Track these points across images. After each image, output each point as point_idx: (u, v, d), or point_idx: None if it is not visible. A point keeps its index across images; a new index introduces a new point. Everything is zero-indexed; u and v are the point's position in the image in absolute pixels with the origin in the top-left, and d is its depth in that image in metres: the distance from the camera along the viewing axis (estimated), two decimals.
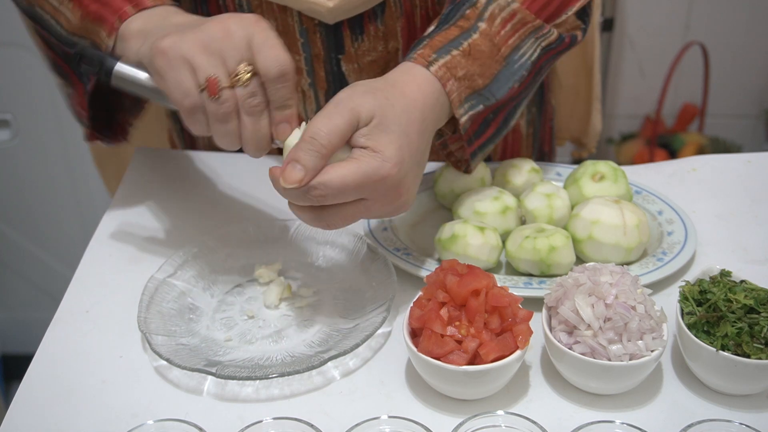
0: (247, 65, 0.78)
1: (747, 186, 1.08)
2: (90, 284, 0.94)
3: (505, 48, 0.90)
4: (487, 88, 0.89)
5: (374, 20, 0.99)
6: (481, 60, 0.89)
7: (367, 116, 0.79)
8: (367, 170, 0.77)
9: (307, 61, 1.02)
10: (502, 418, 0.72)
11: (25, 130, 2.04)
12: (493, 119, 0.93)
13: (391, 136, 0.79)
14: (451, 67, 0.87)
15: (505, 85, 0.91)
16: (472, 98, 0.88)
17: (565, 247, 0.90)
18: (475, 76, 0.88)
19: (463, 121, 0.88)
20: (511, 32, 0.91)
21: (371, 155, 0.78)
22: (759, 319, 0.76)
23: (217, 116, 0.79)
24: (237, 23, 0.79)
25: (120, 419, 0.77)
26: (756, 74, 2.44)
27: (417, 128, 0.82)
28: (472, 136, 0.91)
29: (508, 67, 0.91)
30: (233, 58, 0.78)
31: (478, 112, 0.89)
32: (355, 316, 0.88)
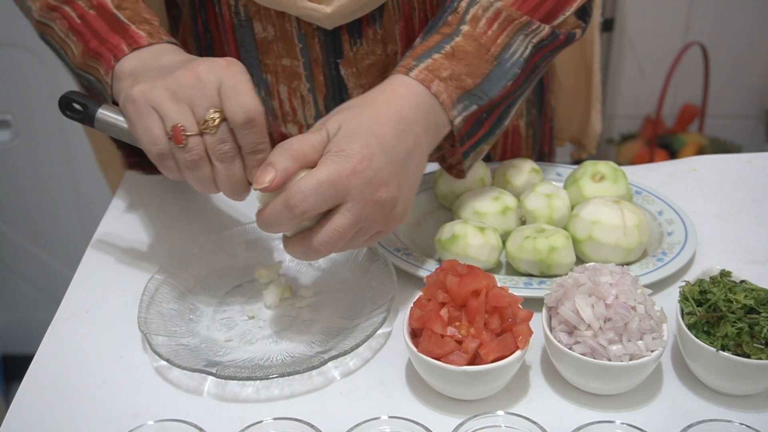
0: (215, 112, 0.78)
1: (747, 186, 1.08)
2: (90, 285, 0.94)
3: (494, 47, 0.90)
4: (478, 88, 0.89)
5: (373, 24, 0.99)
6: (466, 60, 0.88)
7: (334, 129, 0.80)
8: (334, 167, 0.77)
9: (305, 66, 1.02)
10: (503, 418, 0.72)
11: (26, 130, 2.05)
12: (486, 118, 0.92)
13: (355, 138, 0.80)
14: (433, 69, 0.86)
15: (497, 84, 0.90)
16: (465, 99, 0.88)
17: (565, 248, 0.90)
18: (462, 75, 0.88)
19: (457, 122, 0.88)
20: (499, 31, 0.90)
21: (335, 155, 0.78)
22: (759, 320, 0.76)
23: (186, 164, 0.80)
24: (207, 69, 0.79)
25: (120, 419, 0.77)
26: (756, 74, 2.44)
27: (390, 128, 0.82)
28: (464, 135, 0.91)
29: (500, 66, 0.90)
30: (202, 105, 0.79)
31: (471, 112, 0.89)
32: (355, 316, 0.88)
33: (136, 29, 0.87)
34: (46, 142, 2.07)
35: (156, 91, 0.79)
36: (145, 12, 0.91)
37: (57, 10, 0.92)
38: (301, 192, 0.76)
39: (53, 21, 0.92)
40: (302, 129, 1.08)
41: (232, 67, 0.80)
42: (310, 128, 0.82)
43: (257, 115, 0.78)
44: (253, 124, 0.78)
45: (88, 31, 0.89)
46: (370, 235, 0.82)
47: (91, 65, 0.89)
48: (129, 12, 0.90)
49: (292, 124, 1.08)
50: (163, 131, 0.79)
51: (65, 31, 0.91)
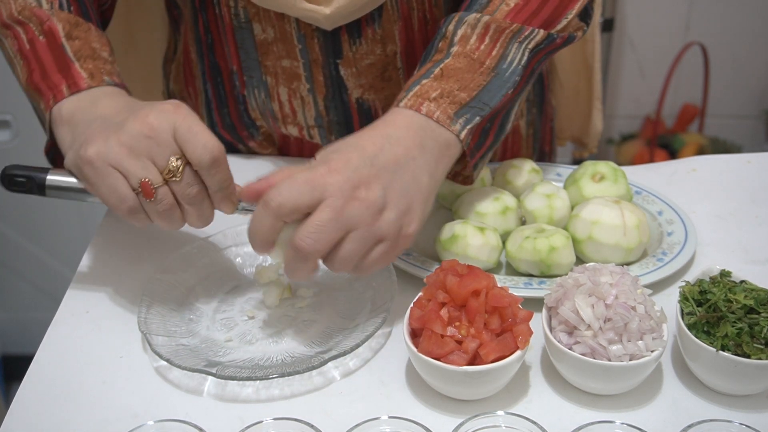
0: (176, 159, 0.79)
1: (747, 186, 1.08)
2: (90, 285, 0.94)
3: (489, 60, 0.89)
4: (476, 99, 0.88)
5: (372, 24, 0.99)
6: (456, 76, 0.88)
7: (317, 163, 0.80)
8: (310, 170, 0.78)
9: (305, 66, 1.02)
10: (502, 418, 0.72)
11: (25, 130, 2.04)
12: (490, 128, 0.92)
13: (335, 152, 0.80)
14: (421, 94, 0.86)
15: (498, 94, 0.90)
16: (464, 112, 0.87)
17: (565, 248, 0.90)
18: (454, 91, 0.87)
19: (462, 135, 0.86)
20: (491, 44, 0.90)
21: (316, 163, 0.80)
22: (759, 320, 0.76)
23: (159, 214, 0.81)
24: (157, 117, 0.79)
25: (120, 420, 0.77)
26: (756, 75, 2.44)
27: (372, 142, 0.81)
28: (473, 148, 0.90)
29: (499, 76, 0.90)
30: (162, 155, 0.79)
31: (475, 124, 0.88)
32: (355, 316, 0.88)
33: (79, 68, 0.87)
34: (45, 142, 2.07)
35: (112, 150, 0.79)
36: (95, 41, 0.91)
37: (10, 29, 0.91)
38: (276, 188, 0.77)
39: (5, 38, 0.92)
40: (302, 130, 1.08)
41: (180, 111, 0.80)
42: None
43: (220, 154, 0.80)
44: (218, 163, 0.80)
45: (34, 60, 0.89)
46: (368, 246, 0.79)
47: (33, 96, 0.90)
48: (78, 43, 0.89)
49: (292, 126, 1.08)
50: (129, 188, 0.79)
51: (15, 53, 0.91)
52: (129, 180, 0.79)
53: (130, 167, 0.79)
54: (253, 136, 1.13)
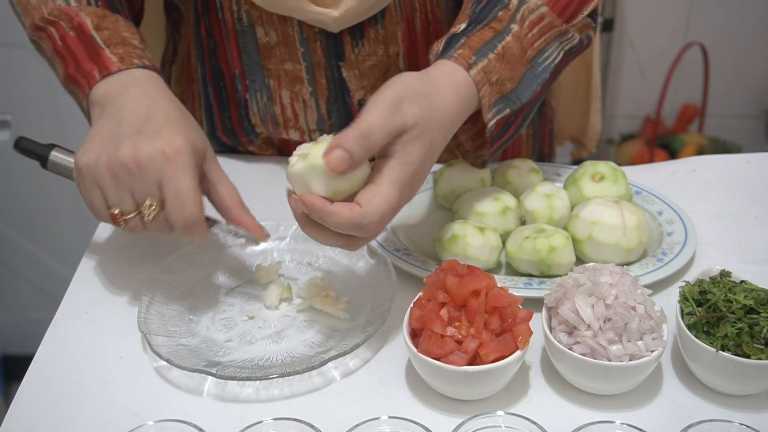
0: (152, 202, 0.81)
1: (747, 186, 1.08)
2: (90, 285, 0.94)
3: (530, 51, 0.90)
4: (513, 92, 0.90)
5: (374, 25, 0.99)
6: (511, 64, 0.89)
7: (412, 125, 0.79)
8: (400, 185, 0.78)
9: (308, 69, 1.02)
10: (502, 418, 0.72)
11: (25, 130, 2.04)
12: (513, 121, 0.93)
13: (422, 146, 0.80)
14: (488, 72, 0.87)
15: (529, 88, 0.91)
16: (500, 102, 0.89)
17: (565, 248, 0.90)
18: (505, 80, 0.89)
19: (490, 125, 0.88)
20: (538, 35, 0.90)
21: (402, 167, 0.79)
22: (759, 320, 0.76)
23: (132, 232, 0.84)
24: (150, 158, 0.80)
25: (120, 420, 0.77)
26: (756, 75, 2.44)
27: (443, 134, 0.83)
28: (495, 137, 0.91)
29: (533, 69, 0.91)
30: (140, 192, 0.81)
31: (504, 116, 0.89)
32: (355, 316, 0.88)
33: (109, 54, 0.89)
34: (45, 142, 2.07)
35: (99, 169, 0.81)
36: (124, 31, 0.92)
37: (43, 31, 0.93)
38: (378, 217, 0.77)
39: (41, 40, 0.94)
40: (304, 135, 1.08)
41: (175, 161, 0.80)
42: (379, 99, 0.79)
43: (196, 221, 0.81)
44: (191, 229, 0.82)
45: (68, 54, 0.90)
46: None
47: (72, 90, 0.91)
48: (107, 33, 0.91)
49: (293, 130, 1.08)
50: (104, 206, 0.83)
51: (51, 52, 0.93)
52: (107, 200, 0.82)
53: (108, 192, 0.82)
54: (253, 141, 1.13)
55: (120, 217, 0.82)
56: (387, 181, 0.78)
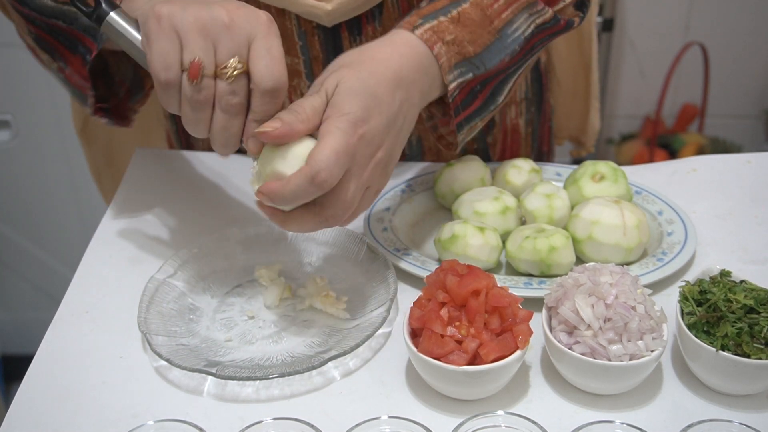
0: (238, 62, 0.76)
1: (747, 186, 1.08)
2: (90, 285, 0.94)
3: (498, 21, 0.90)
4: (477, 57, 0.89)
5: (372, 21, 0.99)
6: (470, 28, 0.88)
7: (332, 88, 0.79)
8: (342, 134, 0.76)
9: (306, 64, 1.02)
10: (502, 418, 0.72)
11: (25, 130, 2.05)
12: (480, 90, 0.92)
13: (354, 96, 0.78)
14: (438, 31, 0.86)
15: (496, 57, 0.90)
16: (462, 65, 0.88)
17: (565, 248, 0.90)
18: (464, 42, 0.87)
19: (451, 87, 0.87)
20: (505, 6, 0.90)
21: (337, 119, 0.77)
22: (759, 319, 0.76)
23: (191, 101, 0.77)
24: (245, 17, 0.76)
25: (120, 419, 0.77)
26: (756, 74, 2.44)
27: (388, 87, 0.81)
28: (459, 105, 0.90)
29: (501, 39, 0.90)
30: (228, 49, 0.75)
31: (467, 80, 0.88)
32: (355, 316, 0.88)
33: None
34: (46, 142, 2.07)
35: (187, 17, 0.75)
36: None
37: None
38: (327, 167, 0.75)
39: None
40: None
41: (270, 27, 0.77)
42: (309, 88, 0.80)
43: (283, 87, 0.76)
44: (276, 94, 0.76)
45: None
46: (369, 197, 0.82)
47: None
48: None
49: None
50: (178, 60, 0.76)
51: None
52: (183, 53, 0.75)
53: (191, 41, 0.75)
54: None
55: (199, 71, 0.75)
56: (326, 134, 0.76)
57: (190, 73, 0.75)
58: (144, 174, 1.13)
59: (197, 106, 0.77)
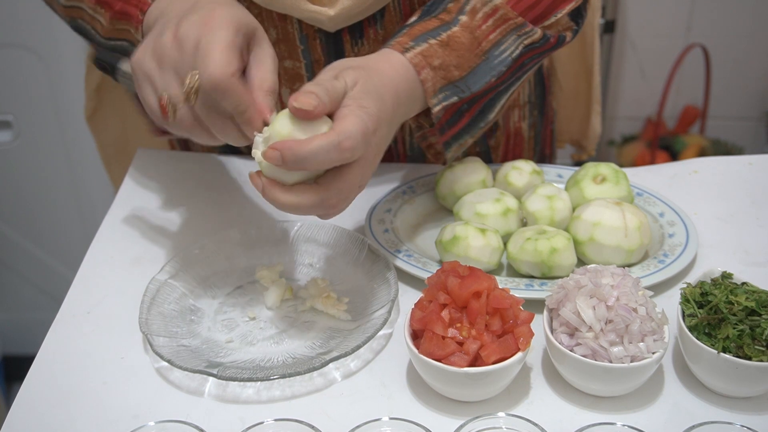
0: (194, 77, 0.75)
1: (748, 188, 1.08)
2: (91, 285, 0.94)
3: (485, 42, 0.91)
4: (462, 80, 0.90)
5: (374, 25, 0.99)
6: (459, 52, 0.89)
7: (351, 83, 0.79)
8: (365, 121, 0.77)
9: (307, 67, 1.02)
10: (503, 419, 0.72)
11: (27, 131, 2.05)
12: (467, 110, 0.93)
13: (372, 96, 0.79)
14: (427, 56, 0.87)
15: (482, 79, 0.91)
16: (447, 89, 0.89)
17: (567, 249, 0.90)
18: (451, 67, 0.89)
19: (436, 110, 0.89)
20: (493, 27, 0.91)
21: (359, 109, 0.77)
22: (760, 321, 0.76)
23: (182, 130, 0.79)
24: (187, 27, 0.76)
25: (121, 420, 0.77)
26: (757, 76, 2.44)
27: (391, 101, 0.83)
28: (444, 125, 0.92)
29: (488, 61, 0.91)
30: (183, 69, 0.76)
31: (451, 103, 0.90)
32: (356, 317, 0.88)
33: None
34: (47, 143, 2.07)
35: (147, 59, 0.78)
36: None
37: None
38: (354, 137, 0.75)
39: (81, 1, 0.92)
40: None
41: (209, 24, 0.76)
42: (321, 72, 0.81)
43: (222, 80, 0.74)
44: (220, 90, 0.75)
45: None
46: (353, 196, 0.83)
47: (121, 29, 0.89)
48: None
49: None
50: (155, 100, 0.78)
51: (93, 7, 0.91)
52: (157, 92, 0.78)
53: (156, 80, 0.77)
54: None
55: (168, 105, 0.76)
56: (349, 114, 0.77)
57: (162, 112, 0.78)
58: (145, 175, 1.13)
59: (189, 131, 0.79)
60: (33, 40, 1.88)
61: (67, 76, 1.90)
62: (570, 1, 0.95)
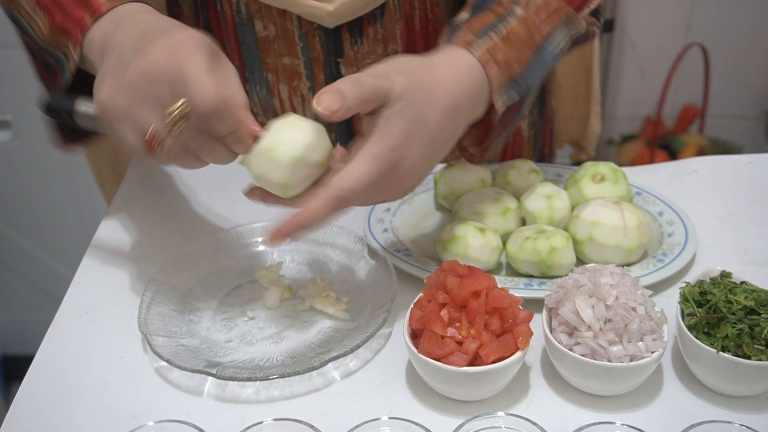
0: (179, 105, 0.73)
1: (747, 187, 1.08)
2: (90, 285, 0.94)
3: (538, 36, 0.88)
4: (521, 76, 0.87)
5: (374, 23, 0.99)
6: (517, 45, 0.86)
7: (398, 96, 0.77)
8: (380, 161, 0.76)
9: (306, 65, 1.02)
10: (503, 419, 0.72)
11: (26, 131, 2.05)
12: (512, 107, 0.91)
13: (406, 122, 0.77)
14: (492, 51, 0.85)
15: (537, 73, 0.89)
16: (510, 86, 0.86)
17: (566, 249, 0.90)
18: (512, 62, 0.86)
19: (500, 110, 0.86)
20: (547, 20, 0.89)
21: (379, 142, 0.76)
22: (759, 321, 0.76)
23: (168, 159, 0.78)
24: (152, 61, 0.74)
25: (120, 420, 0.77)
26: (756, 75, 2.44)
27: (438, 114, 0.80)
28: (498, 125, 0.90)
29: (540, 55, 0.89)
30: (161, 103, 0.74)
31: (513, 101, 0.88)
32: (355, 317, 0.88)
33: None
34: (47, 143, 2.07)
35: (116, 99, 0.76)
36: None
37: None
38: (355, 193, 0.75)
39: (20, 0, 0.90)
40: None
41: (178, 50, 0.74)
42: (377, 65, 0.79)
43: (218, 104, 0.73)
44: (217, 113, 0.74)
45: (53, 4, 0.86)
46: None
47: (59, 41, 0.86)
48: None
49: None
50: (137, 138, 0.76)
51: (32, 6, 0.88)
52: (137, 128, 0.76)
53: (133, 117, 0.75)
54: None
55: (154, 141, 0.74)
56: (362, 157, 0.76)
57: (148, 146, 0.76)
58: (144, 175, 1.13)
59: (176, 160, 0.78)
60: None
61: None
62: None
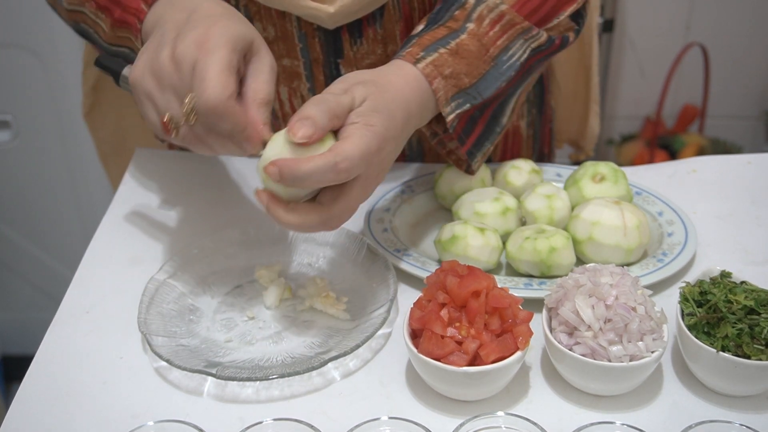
0: (188, 100, 0.76)
1: (747, 187, 1.08)
2: (90, 285, 0.94)
3: (493, 48, 0.92)
4: (473, 87, 0.91)
5: (373, 24, 0.99)
6: (468, 59, 0.90)
7: (360, 99, 0.80)
8: (369, 140, 0.77)
9: (306, 65, 1.02)
10: (503, 419, 0.72)
11: (26, 131, 2.04)
12: (479, 116, 0.94)
13: (381, 114, 0.80)
14: (438, 65, 0.88)
15: (492, 85, 0.92)
16: (459, 97, 0.90)
17: (566, 248, 0.90)
18: (461, 74, 0.89)
19: (450, 119, 0.90)
20: (500, 33, 0.92)
21: (365, 127, 0.78)
22: (759, 320, 0.76)
23: (184, 144, 0.80)
24: (184, 49, 0.76)
25: (120, 420, 0.77)
26: (756, 75, 2.44)
27: (401, 116, 0.83)
28: (461, 134, 0.92)
29: (497, 67, 0.92)
30: (183, 90, 0.77)
31: (464, 110, 0.91)
32: (355, 317, 0.88)
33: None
34: (46, 143, 2.07)
35: (146, 78, 0.79)
36: None
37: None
38: (352, 158, 0.76)
39: (82, 5, 0.93)
40: None
41: (206, 45, 0.77)
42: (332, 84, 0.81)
43: (218, 104, 0.75)
44: (217, 114, 0.76)
45: (111, 3, 0.89)
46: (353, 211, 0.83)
47: (122, 36, 0.89)
48: None
49: None
50: (157, 118, 0.80)
51: (94, 12, 0.92)
52: (158, 110, 0.79)
53: (156, 100, 0.79)
54: None
55: (170, 123, 0.77)
56: (352, 134, 0.77)
57: (165, 130, 0.79)
58: (144, 175, 1.13)
59: (191, 145, 0.80)
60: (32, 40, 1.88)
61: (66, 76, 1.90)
62: (572, 3, 0.96)
